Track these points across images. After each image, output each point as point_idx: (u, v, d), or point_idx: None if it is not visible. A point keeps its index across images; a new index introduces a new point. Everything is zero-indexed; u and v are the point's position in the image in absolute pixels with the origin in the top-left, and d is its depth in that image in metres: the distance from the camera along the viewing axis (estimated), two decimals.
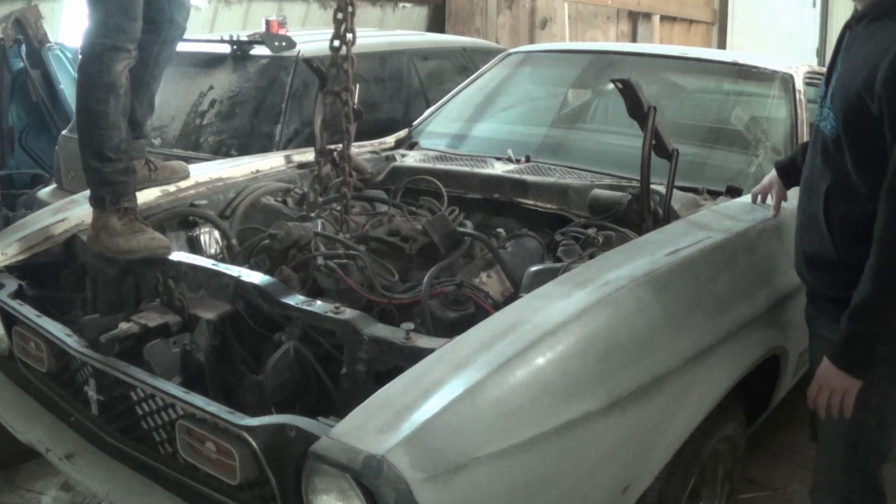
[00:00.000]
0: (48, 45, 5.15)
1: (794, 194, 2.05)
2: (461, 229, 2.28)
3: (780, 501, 2.71)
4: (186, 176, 2.69)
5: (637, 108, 2.27)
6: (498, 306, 1.94)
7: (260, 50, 3.64)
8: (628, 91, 2.25)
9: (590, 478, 1.55)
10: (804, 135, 2.70)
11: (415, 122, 3.46)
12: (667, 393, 1.69)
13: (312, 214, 2.46)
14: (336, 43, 2.36)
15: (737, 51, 7.31)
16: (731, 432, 2.07)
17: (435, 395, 1.41)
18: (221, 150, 3.44)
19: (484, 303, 1.97)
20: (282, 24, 3.81)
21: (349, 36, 2.35)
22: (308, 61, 2.89)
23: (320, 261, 2.13)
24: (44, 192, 4.00)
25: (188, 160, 2.99)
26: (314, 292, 2.08)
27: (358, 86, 2.49)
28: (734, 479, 2.21)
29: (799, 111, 2.77)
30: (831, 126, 1.71)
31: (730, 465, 2.16)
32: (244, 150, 3.35)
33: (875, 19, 1.68)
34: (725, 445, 2.09)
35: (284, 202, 2.69)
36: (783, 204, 2.18)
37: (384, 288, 2.06)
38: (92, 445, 1.91)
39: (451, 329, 1.82)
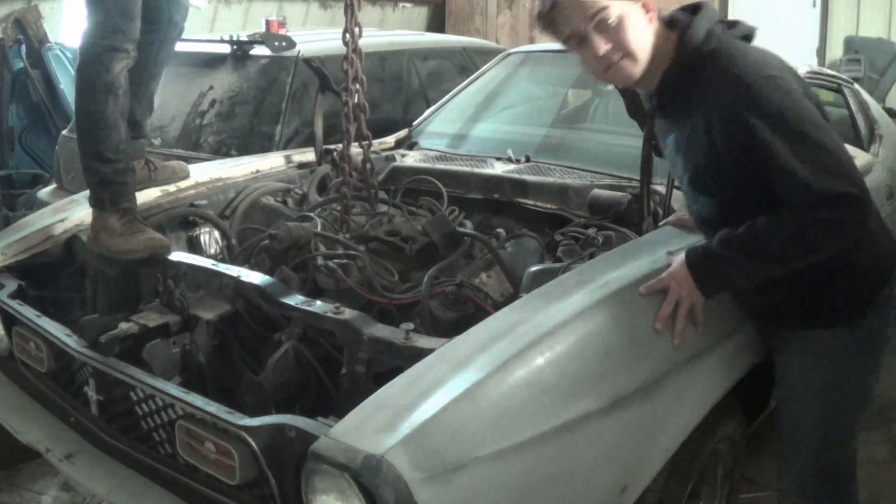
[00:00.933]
0: (48, 45, 5.17)
1: None
2: (461, 229, 2.29)
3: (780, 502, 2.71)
4: (186, 176, 2.69)
5: (637, 108, 2.27)
6: (498, 306, 1.93)
7: (260, 50, 3.65)
8: (628, 91, 2.25)
9: (589, 478, 1.55)
10: None
11: (415, 122, 3.46)
12: (666, 393, 1.69)
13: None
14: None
15: None
16: (730, 432, 2.07)
17: (434, 396, 1.41)
18: (221, 150, 3.45)
19: (484, 303, 1.97)
20: (282, 24, 3.81)
21: (348, 34, 2.36)
22: (308, 61, 2.90)
23: (320, 261, 2.13)
24: (44, 192, 4.00)
25: (188, 160, 2.99)
26: (314, 292, 2.08)
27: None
28: (734, 479, 2.20)
29: None
30: (711, 208, 1.71)
31: (730, 465, 2.16)
32: (244, 150, 3.35)
33: (666, 116, 1.71)
34: (725, 445, 2.09)
35: (284, 202, 2.69)
36: None
37: (384, 288, 2.06)
38: (92, 446, 1.91)
39: (451, 329, 1.82)
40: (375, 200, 2.56)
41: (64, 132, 4.02)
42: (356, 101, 2.47)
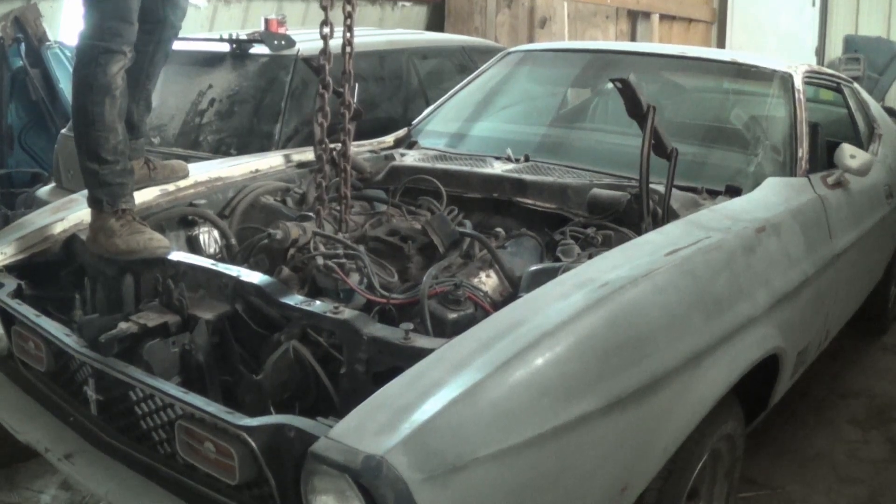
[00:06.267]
0: (47, 43, 5.16)
1: None
2: (460, 229, 2.28)
3: (780, 501, 2.72)
4: (186, 175, 2.69)
5: (636, 108, 2.27)
6: (497, 306, 1.93)
7: (259, 49, 3.64)
8: (627, 90, 2.24)
9: (588, 478, 1.55)
10: (803, 134, 2.70)
11: (414, 122, 3.46)
12: (666, 393, 1.69)
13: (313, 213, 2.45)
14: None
15: (736, 50, 7.30)
16: (730, 432, 2.07)
17: (434, 396, 1.41)
18: (221, 149, 3.44)
19: (483, 302, 1.97)
20: (281, 23, 3.80)
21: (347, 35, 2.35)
22: (307, 60, 2.89)
23: (320, 260, 2.13)
24: (43, 191, 4.00)
25: (187, 159, 2.99)
26: (313, 292, 2.08)
27: (357, 85, 2.49)
28: (734, 479, 2.21)
29: (798, 110, 2.77)
30: None
31: (729, 465, 2.16)
32: (243, 149, 3.35)
33: None
34: (725, 445, 2.09)
35: (283, 202, 2.69)
36: (779, 203, 2.16)
37: (383, 288, 2.06)
38: (91, 445, 1.90)
39: (451, 329, 1.82)
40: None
41: (63, 131, 4.02)
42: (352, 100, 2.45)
